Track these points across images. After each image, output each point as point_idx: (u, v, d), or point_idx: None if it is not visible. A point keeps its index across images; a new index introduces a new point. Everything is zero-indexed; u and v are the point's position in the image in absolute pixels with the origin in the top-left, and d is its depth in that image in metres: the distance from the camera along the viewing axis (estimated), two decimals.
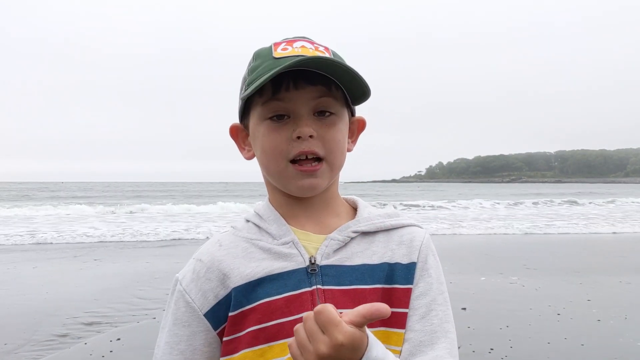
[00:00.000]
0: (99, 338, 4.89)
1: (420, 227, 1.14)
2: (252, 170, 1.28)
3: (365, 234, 1.08)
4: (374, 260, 1.05)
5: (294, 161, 1.02)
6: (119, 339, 4.78)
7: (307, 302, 1.00)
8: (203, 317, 1.06)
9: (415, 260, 1.07)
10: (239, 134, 1.15)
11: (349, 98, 1.07)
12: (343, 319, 0.80)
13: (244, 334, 1.02)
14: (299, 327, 0.84)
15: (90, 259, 9.77)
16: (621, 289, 7.07)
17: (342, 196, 1.19)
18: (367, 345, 0.82)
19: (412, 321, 1.04)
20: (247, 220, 1.12)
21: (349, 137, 1.12)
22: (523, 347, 4.60)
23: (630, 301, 6.36)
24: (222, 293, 1.04)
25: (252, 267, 1.03)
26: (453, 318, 1.10)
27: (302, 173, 1.02)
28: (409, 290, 1.05)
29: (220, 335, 1.06)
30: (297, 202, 1.09)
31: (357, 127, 1.16)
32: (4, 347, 4.62)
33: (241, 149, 1.15)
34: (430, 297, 1.06)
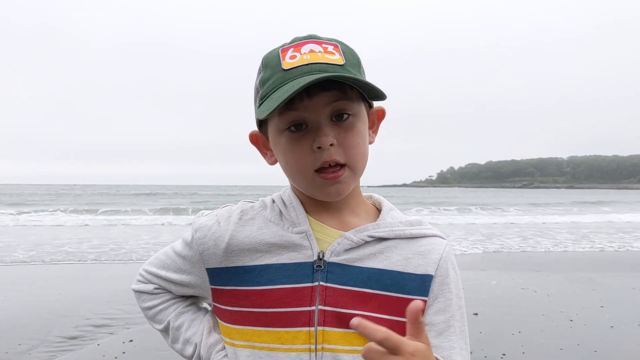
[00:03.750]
0: (112, 339, 4.92)
1: (443, 238, 1.13)
2: None
3: (382, 238, 1.07)
4: (385, 265, 1.05)
5: (317, 169, 1.02)
6: (131, 341, 4.81)
7: (307, 297, 1.02)
8: (204, 269, 1.10)
9: (431, 273, 1.07)
10: (259, 140, 1.14)
11: (365, 93, 1.05)
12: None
13: (242, 311, 1.05)
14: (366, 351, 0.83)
15: (102, 260, 9.85)
16: (635, 296, 7.00)
17: (367, 194, 1.19)
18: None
19: (430, 336, 1.02)
20: (274, 201, 1.13)
21: (369, 128, 1.12)
22: (535, 352, 4.57)
23: None
24: (225, 264, 1.08)
25: (262, 250, 1.05)
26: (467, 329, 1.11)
27: (327, 181, 1.02)
28: (423, 302, 1.05)
29: (215, 292, 1.10)
30: (320, 202, 1.09)
31: (377, 117, 1.15)
32: (18, 347, 4.66)
33: (263, 154, 1.15)
34: (449, 313, 1.07)
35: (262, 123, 1.10)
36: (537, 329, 5.29)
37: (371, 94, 1.04)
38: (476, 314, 5.74)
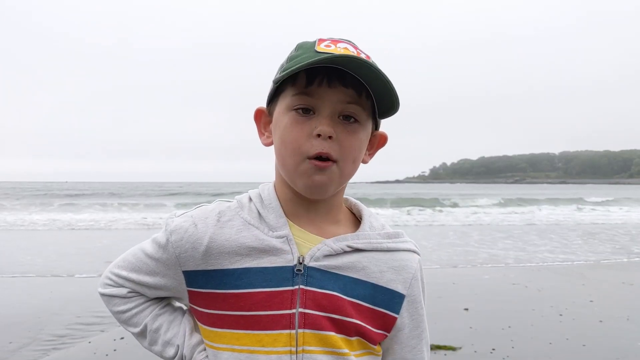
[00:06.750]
0: (103, 337, 4.92)
1: (416, 254, 1.16)
2: None
3: (360, 249, 1.09)
4: (360, 276, 1.07)
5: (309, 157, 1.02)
6: (122, 338, 4.80)
7: (287, 300, 1.03)
8: (181, 272, 1.10)
9: (403, 292, 1.11)
10: (262, 118, 1.14)
11: (377, 110, 1.06)
12: None
13: (221, 314, 1.05)
14: None
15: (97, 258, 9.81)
16: (623, 290, 7.07)
17: (349, 198, 1.20)
18: None
19: (405, 351, 1.13)
20: (251, 200, 1.12)
21: (367, 149, 1.13)
22: (525, 347, 4.61)
23: (632, 302, 6.37)
24: (203, 267, 1.07)
25: (242, 254, 1.05)
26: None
27: (313, 168, 1.02)
28: (389, 317, 1.10)
29: (191, 293, 1.10)
30: (301, 203, 1.09)
31: (377, 141, 1.16)
32: (9, 345, 4.65)
33: (260, 134, 1.15)
34: (421, 329, 1.14)
35: (271, 102, 1.10)
36: (527, 323, 5.34)
37: (385, 105, 1.05)
38: (467, 309, 5.79)
